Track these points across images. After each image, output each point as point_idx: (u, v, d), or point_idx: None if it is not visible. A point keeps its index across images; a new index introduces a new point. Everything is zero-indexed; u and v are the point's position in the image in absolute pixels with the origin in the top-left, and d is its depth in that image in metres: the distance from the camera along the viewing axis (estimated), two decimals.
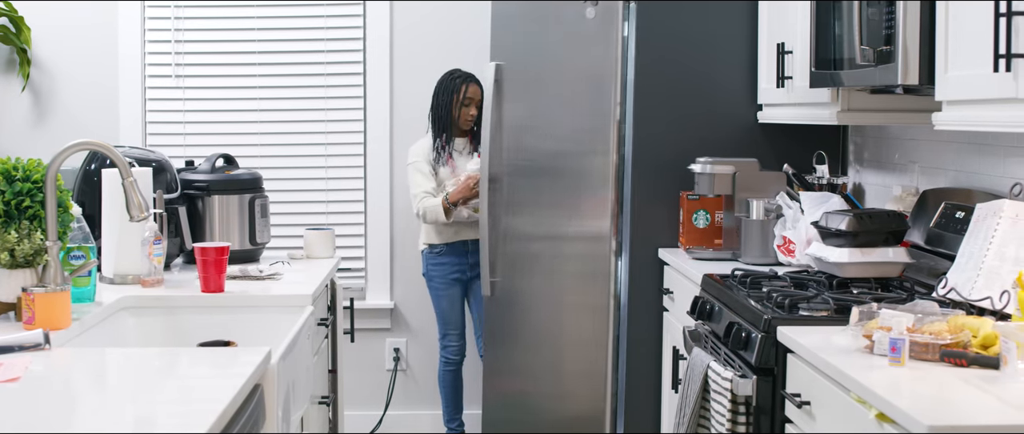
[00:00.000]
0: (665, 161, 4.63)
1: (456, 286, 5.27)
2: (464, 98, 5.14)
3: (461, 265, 5.24)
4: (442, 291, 5.26)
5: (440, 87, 5.19)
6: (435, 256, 5.24)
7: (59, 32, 5.44)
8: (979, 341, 2.56)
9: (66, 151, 2.95)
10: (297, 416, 3.15)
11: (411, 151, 5.21)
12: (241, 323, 3.46)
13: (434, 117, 5.18)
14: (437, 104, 5.17)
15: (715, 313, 3.57)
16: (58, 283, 2.87)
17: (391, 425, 5.56)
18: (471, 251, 5.22)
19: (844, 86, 3.58)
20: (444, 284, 5.25)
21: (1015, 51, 2.55)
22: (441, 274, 5.24)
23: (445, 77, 5.19)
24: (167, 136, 5.46)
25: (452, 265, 5.23)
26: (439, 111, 5.16)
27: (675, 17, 4.61)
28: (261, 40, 5.47)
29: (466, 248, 5.23)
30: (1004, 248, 2.97)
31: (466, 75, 5.17)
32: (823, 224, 3.58)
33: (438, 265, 5.24)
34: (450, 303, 5.28)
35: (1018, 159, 3.32)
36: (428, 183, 5.11)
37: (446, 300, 5.28)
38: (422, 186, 5.11)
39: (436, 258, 5.24)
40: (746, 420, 3.09)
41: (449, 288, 5.26)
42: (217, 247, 3.54)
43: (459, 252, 5.23)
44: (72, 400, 2.30)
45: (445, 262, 5.23)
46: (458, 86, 5.14)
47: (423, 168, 5.13)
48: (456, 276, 5.26)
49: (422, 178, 5.12)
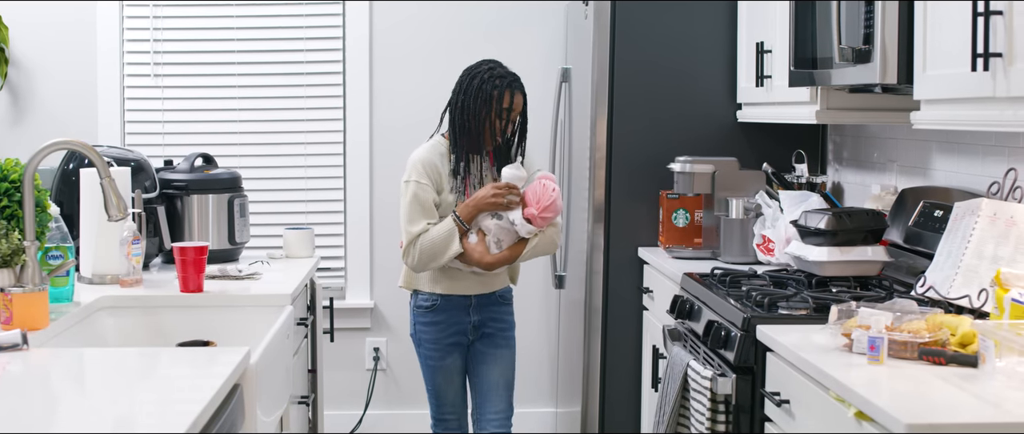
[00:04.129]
0: (644, 160, 4.63)
1: (454, 353, 3.96)
2: (503, 109, 3.79)
3: (461, 325, 3.93)
4: (435, 360, 3.95)
5: (469, 88, 3.81)
6: (425, 312, 3.93)
7: (37, 30, 5.41)
8: (957, 339, 2.57)
9: (44, 150, 2.94)
10: (276, 416, 3.15)
11: (412, 163, 3.83)
12: (220, 323, 3.45)
13: (457, 127, 3.82)
14: (463, 111, 3.79)
15: (695, 312, 3.58)
16: (36, 283, 2.85)
17: (371, 425, 5.55)
18: (475, 306, 3.92)
19: (823, 85, 3.59)
20: (437, 351, 3.94)
21: (993, 50, 2.57)
22: (433, 337, 3.93)
23: (478, 77, 3.81)
24: (146, 135, 5.44)
25: (448, 325, 3.92)
26: (466, 121, 3.78)
27: (654, 16, 4.62)
28: (240, 38, 5.45)
29: (468, 303, 3.92)
30: (982, 247, 2.98)
31: (508, 77, 3.81)
32: (802, 223, 3.59)
33: (430, 325, 3.93)
34: (446, 377, 3.98)
35: (996, 158, 3.33)
36: (428, 215, 3.78)
37: (441, 374, 3.97)
38: (418, 222, 3.76)
39: (427, 315, 3.93)
40: (726, 419, 3.10)
41: (445, 356, 3.95)
42: (196, 247, 3.53)
43: (459, 307, 3.91)
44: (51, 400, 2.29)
45: (439, 321, 3.92)
46: (497, 93, 3.78)
47: (426, 195, 3.78)
48: (454, 340, 3.95)
49: (420, 210, 3.77)
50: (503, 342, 3.99)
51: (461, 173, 3.81)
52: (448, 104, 3.87)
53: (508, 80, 3.79)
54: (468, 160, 3.82)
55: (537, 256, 3.89)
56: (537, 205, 3.75)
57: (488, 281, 3.92)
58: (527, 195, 3.77)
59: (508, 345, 4.00)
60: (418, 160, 3.82)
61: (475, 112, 3.76)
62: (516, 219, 3.75)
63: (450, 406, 4.02)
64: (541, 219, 3.76)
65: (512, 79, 3.81)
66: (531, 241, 3.82)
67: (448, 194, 3.81)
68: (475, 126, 3.77)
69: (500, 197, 3.73)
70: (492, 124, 3.78)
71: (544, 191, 3.75)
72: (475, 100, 3.77)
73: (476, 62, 3.87)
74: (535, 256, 3.87)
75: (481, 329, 3.94)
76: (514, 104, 3.78)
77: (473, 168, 3.84)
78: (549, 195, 3.75)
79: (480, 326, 3.94)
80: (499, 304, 3.98)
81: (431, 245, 3.73)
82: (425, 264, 3.78)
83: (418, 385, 5.46)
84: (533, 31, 5.34)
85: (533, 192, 3.77)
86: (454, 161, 3.82)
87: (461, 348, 3.96)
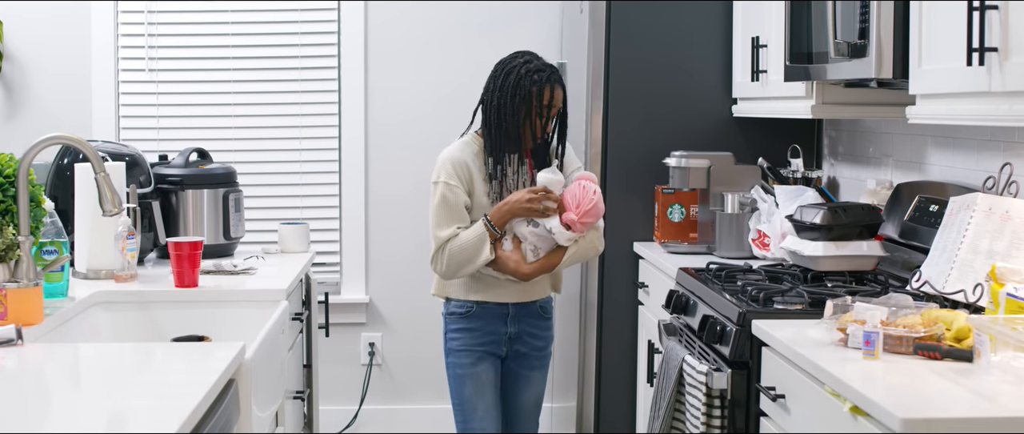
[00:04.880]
0: (640, 155, 4.63)
1: (486, 361, 3.65)
2: (543, 105, 3.51)
3: (496, 334, 3.65)
4: (465, 367, 3.63)
5: (505, 85, 3.51)
6: (459, 318, 3.65)
7: (31, 25, 5.39)
8: (953, 334, 2.57)
9: (38, 145, 2.94)
10: (272, 411, 3.14)
11: (441, 163, 3.56)
12: (215, 318, 3.45)
13: (493, 126, 3.53)
14: (500, 110, 3.50)
15: (690, 307, 3.57)
16: (30, 278, 2.85)
17: (367, 420, 5.55)
18: (513, 316, 3.65)
19: (818, 80, 3.59)
20: (468, 357, 3.63)
21: (988, 45, 2.57)
22: (465, 343, 3.63)
23: (514, 72, 3.52)
24: (140, 130, 5.43)
25: (483, 333, 3.63)
26: (503, 121, 3.50)
27: (650, 11, 4.61)
28: (235, 33, 5.44)
29: (506, 312, 3.64)
30: (977, 241, 2.98)
31: (546, 71, 3.53)
32: (798, 218, 3.59)
33: (462, 331, 3.64)
34: (477, 387, 3.63)
35: (991, 152, 3.34)
36: (458, 219, 3.53)
37: (472, 383, 3.63)
38: (446, 227, 3.51)
39: (460, 321, 3.65)
40: (721, 413, 3.10)
41: (476, 363, 3.63)
42: (191, 242, 3.52)
43: (495, 316, 3.64)
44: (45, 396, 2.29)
45: (474, 328, 3.63)
46: (536, 90, 3.49)
47: (456, 197, 3.51)
48: (488, 349, 3.65)
49: (449, 214, 3.51)
50: (538, 363, 3.73)
51: (497, 175, 3.54)
52: (480, 101, 3.58)
53: (547, 74, 3.50)
54: (504, 161, 3.54)
55: (577, 262, 3.67)
56: (577, 209, 3.49)
57: (528, 289, 3.64)
58: (565, 198, 3.52)
59: (543, 366, 3.74)
60: (448, 159, 3.55)
61: (513, 111, 3.48)
62: (554, 226, 3.50)
63: (480, 421, 3.62)
64: (581, 224, 3.51)
65: (551, 72, 3.52)
66: (570, 247, 3.57)
67: (482, 196, 3.55)
68: (513, 126, 3.49)
69: (536, 203, 3.47)
70: (533, 122, 3.49)
71: (585, 194, 3.50)
72: (512, 98, 3.47)
73: (509, 55, 3.59)
74: (575, 262, 3.63)
75: (516, 343, 3.65)
76: (554, 100, 3.50)
77: (509, 169, 3.56)
78: (590, 198, 3.50)
79: (516, 339, 3.65)
80: (539, 317, 3.70)
81: (460, 251, 3.48)
82: (455, 271, 3.52)
83: (414, 380, 5.46)
84: (528, 26, 5.34)
85: (572, 195, 3.52)
86: (491, 163, 3.54)
87: (494, 359, 3.64)
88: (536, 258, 3.56)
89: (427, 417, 5.48)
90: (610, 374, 4.67)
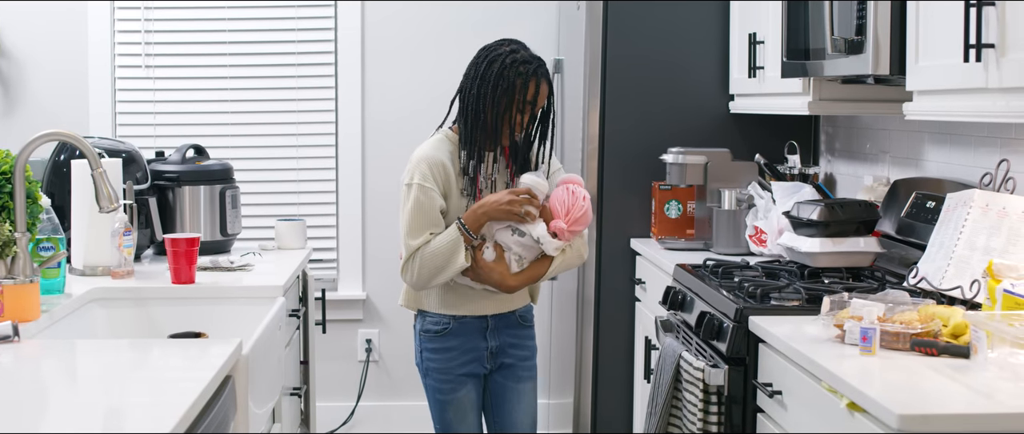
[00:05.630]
0: (637, 151, 4.63)
1: (468, 384, 3.42)
2: (526, 101, 3.25)
3: (477, 352, 3.41)
4: (445, 394, 3.41)
5: (487, 74, 3.25)
6: (434, 337, 3.39)
7: (28, 21, 5.39)
8: (949, 330, 2.58)
9: (35, 141, 2.93)
10: (269, 407, 3.14)
11: (415, 163, 3.29)
12: (212, 314, 3.45)
13: (470, 119, 3.28)
14: (479, 101, 3.24)
15: (687, 303, 3.57)
16: (27, 275, 2.84)
17: (363, 416, 5.54)
18: (492, 329, 3.41)
19: (815, 76, 3.59)
20: (448, 383, 3.40)
21: (985, 41, 2.57)
22: (444, 366, 3.39)
23: (498, 62, 3.25)
24: (137, 126, 5.42)
25: (462, 353, 3.39)
26: (481, 113, 3.24)
27: (647, 7, 4.61)
28: (232, 30, 5.43)
29: (485, 325, 3.41)
30: (974, 237, 2.98)
31: (532, 63, 3.25)
32: (795, 214, 3.59)
33: (439, 352, 3.39)
34: (458, 413, 3.43)
35: (988, 149, 3.34)
36: (432, 225, 3.25)
37: (453, 409, 3.42)
38: (419, 234, 3.23)
39: (436, 340, 3.40)
40: (718, 410, 3.10)
41: (457, 389, 3.41)
42: (187, 238, 3.52)
43: (474, 331, 3.39)
44: (42, 393, 2.28)
45: (451, 347, 3.39)
46: (520, 82, 3.23)
47: (430, 201, 3.24)
48: (469, 370, 3.42)
49: (423, 220, 3.23)
50: (525, 374, 3.49)
51: (470, 172, 3.28)
52: (458, 90, 3.32)
53: (533, 66, 3.22)
54: (480, 158, 3.28)
55: (563, 271, 3.43)
56: (566, 217, 3.27)
57: (507, 299, 3.40)
58: (553, 204, 3.29)
59: (531, 376, 3.51)
60: (422, 159, 3.28)
61: (493, 102, 3.21)
62: (541, 235, 3.26)
63: None
64: (570, 233, 3.29)
65: (538, 65, 3.24)
66: (557, 256, 3.32)
67: (458, 198, 3.29)
68: (492, 119, 3.23)
69: (516, 206, 3.21)
70: (512, 118, 3.24)
71: (574, 200, 3.27)
72: (494, 88, 3.21)
73: (494, 42, 3.33)
74: (561, 272, 3.40)
75: (499, 357, 3.42)
76: (539, 95, 3.24)
77: (484, 167, 3.30)
78: (580, 205, 3.27)
79: (499, 353, 3.42)
80: (519, 326, 3.47)
81: (433, 257, 3.20)
82: (427, 281, 3.24)
83: (411, 376, 5.46)
84: (525, 22, 5.33)
85: (560, 201, 3.29)
86: (465, 158, 3.28)
87: (476, 379, 3.42)
88: (521, 268, 3.32)
89: (424, 413, 5.45)
90: (607, 371, 4.67)
